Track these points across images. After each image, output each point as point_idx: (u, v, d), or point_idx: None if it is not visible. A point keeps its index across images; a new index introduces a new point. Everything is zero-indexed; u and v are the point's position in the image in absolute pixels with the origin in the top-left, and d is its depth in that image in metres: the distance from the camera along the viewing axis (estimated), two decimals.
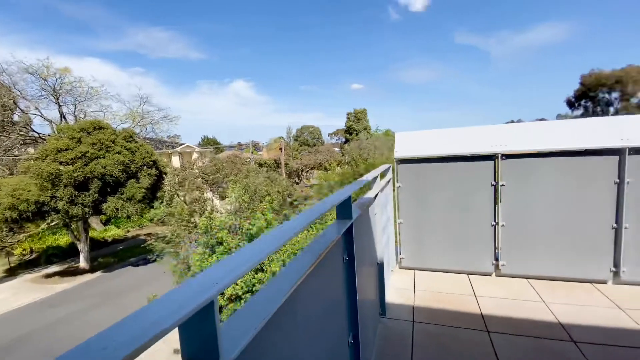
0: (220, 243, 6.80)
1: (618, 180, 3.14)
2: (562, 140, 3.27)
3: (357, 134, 41.28)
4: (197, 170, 18.81)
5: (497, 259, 3.58)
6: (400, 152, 3.79)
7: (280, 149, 35.09)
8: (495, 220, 3.53)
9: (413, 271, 3.88)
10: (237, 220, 8.50)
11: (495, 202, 3.52)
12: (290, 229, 0.92)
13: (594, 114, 41.70)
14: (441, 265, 3.80)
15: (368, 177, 2.46)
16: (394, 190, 3.95)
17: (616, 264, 3.22)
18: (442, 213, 3.74)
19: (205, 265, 6.60)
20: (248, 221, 7.75)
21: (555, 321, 2.71)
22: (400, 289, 3.48)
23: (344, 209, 1.57)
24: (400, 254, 3.97)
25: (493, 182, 3.50)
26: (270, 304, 0.78)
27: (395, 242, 4.04)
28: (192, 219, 13.13)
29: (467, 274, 3.69)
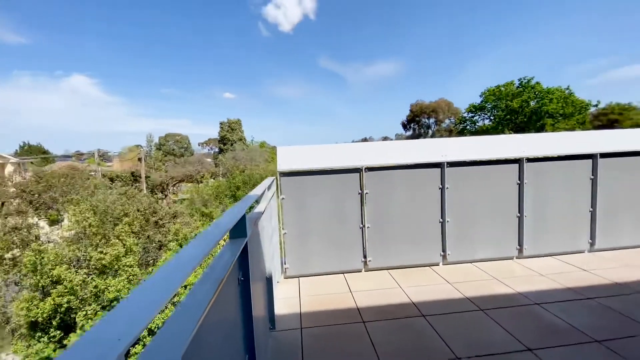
0: (58, 282, 5.29)
1: (441, 186, 4.21)
2: (407, 156, 4.14)
3: (232, 144, 40.04)
4: (13, 189, 14.06)
5: (365, 257, 4.16)
6: (283, 165, 3.94)
7: (139, 159, 30.30)
8: (362, 223, 4.11)
9: (297, 279, 4.06)
10: (82, 251, 6.81)
11: (362, 208, 4.11)
12: (191, 258, 0.83)
13: (420, 135, 54.16)
14: (321, 268, 4.12)
15: (257, 191, 2.45)
16: (277, 202, 4.06)
17: (444, 250, 4.27)
18: (321, 220, 4.08)
19: (36, 313, 4.96)
20: (100, 250, 6.33)
21: (409, 301, 3.36)
22: (287, 298, 3.57)
23: (238, 227, 1.52)
24: (285, 264, 4.08)
25: (359, 191, 4.08)
26: (176, 347, 0.68)
27: (280, 252, 4.13)
28: (9, 255, 9.64)
29: (343, 272, 4.14)
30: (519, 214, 4.34)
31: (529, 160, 4.27)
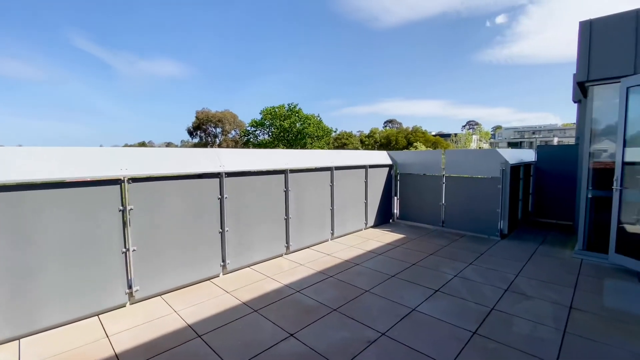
0: None
1: (220, 196, 4.21)
2: (184, 165, 3.82)
3: None
4: None
5: (130, 287, 3.46)
6: None
7: None
8: (126, 247, 3.40)
9: (16, 342, 2.76)
10: None
11: (125, 229, 3.40)
12: None
13: (207, 143, 53.48)
14: (55, 319, 3.02)
15: None
16: None
17: (224, 260, 4.28)
18: (58, 248, 3.00)
19: None
20: None
21: (185, 325, 3.08)
22: None
23: None
24: None
25: (121, 208, 3.36)
26: None
27: None
28: None
29: (97, 315, 3.24)
30: (285, 217, 5.07)
31: (292, 171, 5.10)
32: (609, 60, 4.45)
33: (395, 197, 7.62)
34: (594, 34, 4.56)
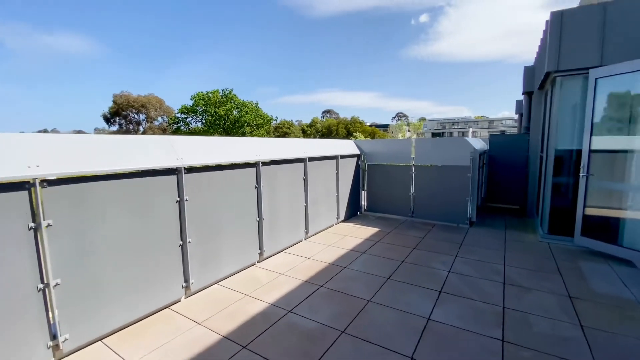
0: None
1: (179, 199, 3.23)
2: (120, 160, 2.75)
3: None
4: None
5: (54, 336, 2.37)
6: None
7: None
8: (43, 281, 2.30)
9: None
10: None
11: (40, 250, 2.28)
12: None
13: (128, 131, 47.08)
14: None
15: None
16: None
17: (186, 279, 3.34)
18: None
19: None
20: None
21: None
22: None
23: None
24: None
25: (31, 224, 2.23)
26: None
27: None
28: None
29: None
30: (258, 218, 4.26)
31: (264, 163, 4.29)
32: (577, 52, 4.62)
33: (363, 189, 7.29)
34: (564, 25, 4.68)
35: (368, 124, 69.92)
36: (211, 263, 3.62)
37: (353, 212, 6.97)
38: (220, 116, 41.29)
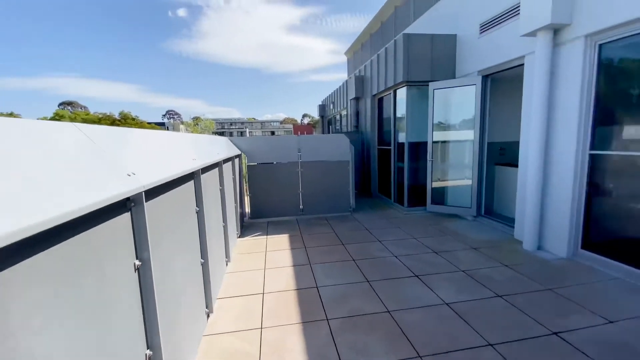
0: None
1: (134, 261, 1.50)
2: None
3: None
4: None
5: None
6: None
7: None
8: None
9: None
10: None
11: None
12: None
13: None
14: None
15: None
16: None
17: None
18: None
19: None
20: None
21: None
22: None
23: None
24: None
25: None
26: None
27: None
28: None
29: None
30: (202, 259, 2.72)
31: (204, 170, 2.74)
32: (420, 68, 6.17)
33: (246, 194, 6.27)
34: (411, 47, 6.09)
35: (148, 122, 59.53)
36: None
37: (241, 224, 5.88)
38: None
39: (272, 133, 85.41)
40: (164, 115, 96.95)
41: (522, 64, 4.65)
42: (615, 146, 3.60)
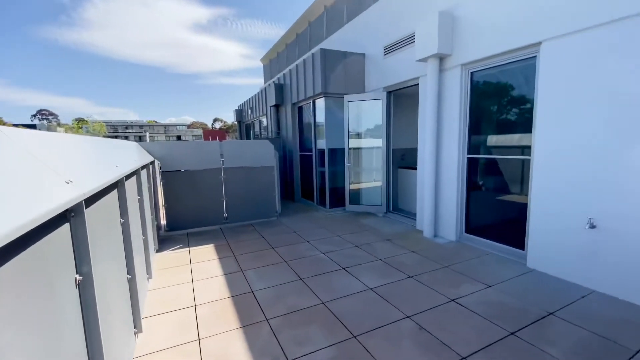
0: None
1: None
2: None
3: None
4: None
5: None
6: None
7: None
8: None
9: None
10: None
11: None
12: None
13: None
14: None
15: None
16: None
17: None
18: None
19: None
20: None
21: None
22: None
23: None
24: None
25: None
26: None
27: None
28: None
29: None
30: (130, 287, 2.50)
31: (128, 177, 2.51)
32: (336, 81, 6.75)
33: (162, 204, 5.75)
34: (327, 62, 6.61)
35: (13, 123, 47.12)
36: None
37: (157, 237, 5.38)
38: None
39: (179, 138, 78.21)
40: (34, 116, 79.16)
41: (417, 84, 5.61)
42: (483, 151, 4.70)
